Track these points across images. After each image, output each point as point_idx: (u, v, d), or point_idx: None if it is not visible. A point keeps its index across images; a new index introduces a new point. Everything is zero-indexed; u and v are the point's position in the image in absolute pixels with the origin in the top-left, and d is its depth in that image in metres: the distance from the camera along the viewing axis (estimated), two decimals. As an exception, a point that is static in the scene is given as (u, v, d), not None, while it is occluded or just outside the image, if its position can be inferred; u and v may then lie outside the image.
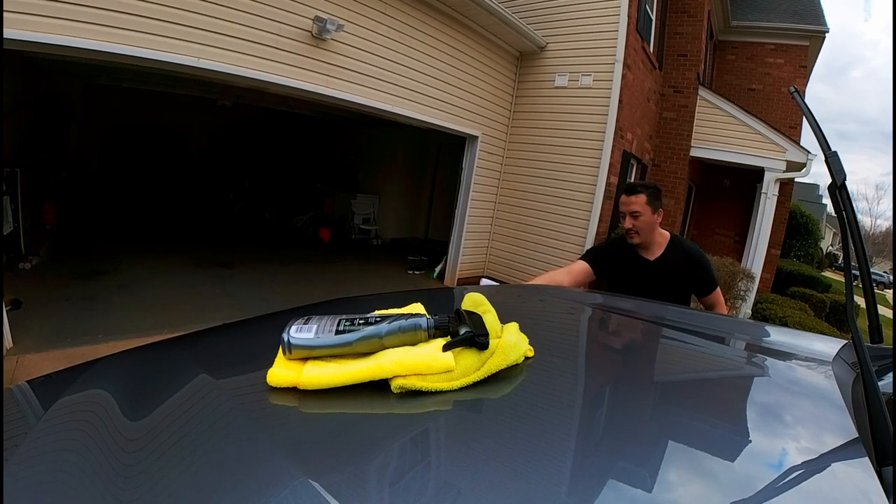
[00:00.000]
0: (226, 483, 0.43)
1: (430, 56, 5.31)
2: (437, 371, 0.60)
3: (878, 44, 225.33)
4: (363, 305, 1.14)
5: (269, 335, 0.91)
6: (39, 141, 5.90)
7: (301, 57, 4.01)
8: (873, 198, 35.88)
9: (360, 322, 0.65)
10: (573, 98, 6.21)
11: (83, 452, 0.48)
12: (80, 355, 2.62)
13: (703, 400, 0.76)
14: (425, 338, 0.64)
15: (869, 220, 34.06)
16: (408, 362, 0.59)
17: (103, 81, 6.69)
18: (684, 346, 1.09)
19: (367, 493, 0.41)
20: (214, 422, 0.56)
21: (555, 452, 0.49)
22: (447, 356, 0.61)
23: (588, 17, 6.06)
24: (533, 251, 6.52)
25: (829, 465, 0.54)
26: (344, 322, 0.65)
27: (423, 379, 0.59)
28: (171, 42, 3.19)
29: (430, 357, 0.60)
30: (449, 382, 0.59)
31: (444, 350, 0.62)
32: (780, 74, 8.91)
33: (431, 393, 0.58)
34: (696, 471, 0.52)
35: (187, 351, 0.81)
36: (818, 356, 0.94)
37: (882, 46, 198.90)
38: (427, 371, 0.59)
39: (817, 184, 30.34)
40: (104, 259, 5.14)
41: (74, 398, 0.62)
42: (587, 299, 1.56)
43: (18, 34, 2.56)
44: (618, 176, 6.16)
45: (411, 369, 0.59)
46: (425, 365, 0.60)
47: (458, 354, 0.63)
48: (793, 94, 0.82)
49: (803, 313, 6.85)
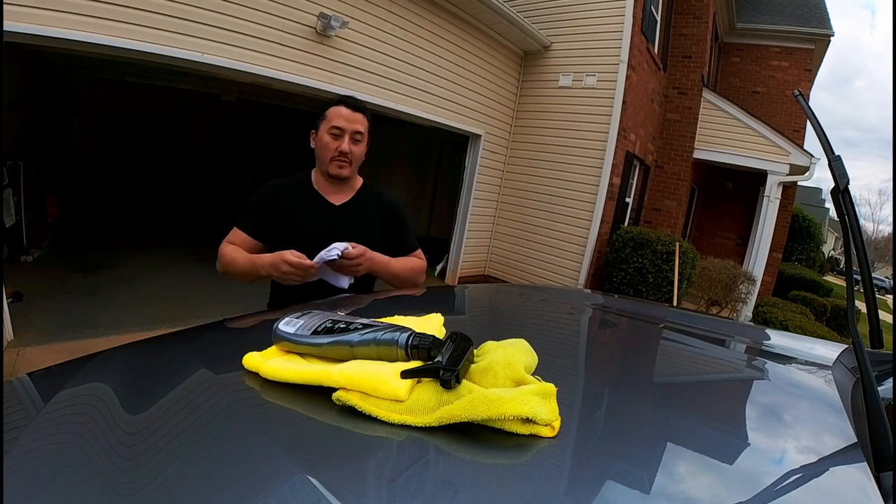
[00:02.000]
0: (225, 478, 0.43)
1: (434, 54, 5.31)
2: (383, 396, 0.53)
3: (882, 56, 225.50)
4: (381, 306, 1.14)
5: (269, 331, 0.91)
6: (43, 134, 5.91)
7: (305, 53, 4.01)
8: (876, 203, 35.75)
9: (342, 326, 0.63)
10: (577, 98, 6.20)
11: (83, 445, 0.48)
12: (81, 348, 2.62)
13: (702, 402, 0.76)
14: (403, 356, 0.58)
15: (871, 226, 33.96)
16: (355, 377, 0.54)
17: (107, 75, 6.68)
18: (684, 348, 1.09)
19: (365, 489, 0.41)
20: (214, 417, 0.56)
21: (554, 452, 0.49)
22: (399, 384, 0.53)
23: (593, 18, 6.05)
24: (535, 251, 6.52)
25: (828, 469, 0.54)
26: (327, 323, 0.64)
27: (364, 399, 0.53)
28: (173, 36, 3.19)
29: (380, 378, 0.53)
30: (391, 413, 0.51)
31: (402, 376, 0.54)
32: (784, 77, 8.89)
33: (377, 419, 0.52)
34: (694, 473, 0.52)
35: (188, 345, 0.81)
36: (818, 360, 0.94)
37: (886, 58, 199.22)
38: (372, 392, 0.53)
39: (820, 188, 30.30)
40: (106, 253, 5.16)
41: (74, 391, 0.62)
42: (588, 300, 1.56)
43: (22, 27, 2.56)
44: (620, 177, 6.16)
45: (357, 385, 0.54)
46: (371, 385, 0.53)
47: (417, 386, 0.55)
48: (797, 97, 0.82)
49: (804, 317, 6.85)
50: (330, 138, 1.38)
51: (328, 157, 1.39)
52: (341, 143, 1.37)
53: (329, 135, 1.38)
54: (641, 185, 7.31)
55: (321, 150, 1.41)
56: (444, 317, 0.84)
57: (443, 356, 0.55)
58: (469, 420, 0.49)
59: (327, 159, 1.39)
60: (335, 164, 1.39)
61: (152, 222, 7.39)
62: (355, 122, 1.38)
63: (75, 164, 7.17)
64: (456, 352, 0.56)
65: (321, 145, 1.40)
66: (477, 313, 1.30)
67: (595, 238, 5.96)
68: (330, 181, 1.44)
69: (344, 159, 1.39)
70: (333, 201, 1.45)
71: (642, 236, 5.85)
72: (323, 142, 1.39)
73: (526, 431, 0.49)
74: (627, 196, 6.79)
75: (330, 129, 1.37)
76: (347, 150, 1.38)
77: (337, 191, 1.46)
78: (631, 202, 7.00)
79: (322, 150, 1.40)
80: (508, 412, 0.48)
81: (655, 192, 7.66)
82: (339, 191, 1.46)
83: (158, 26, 3.11)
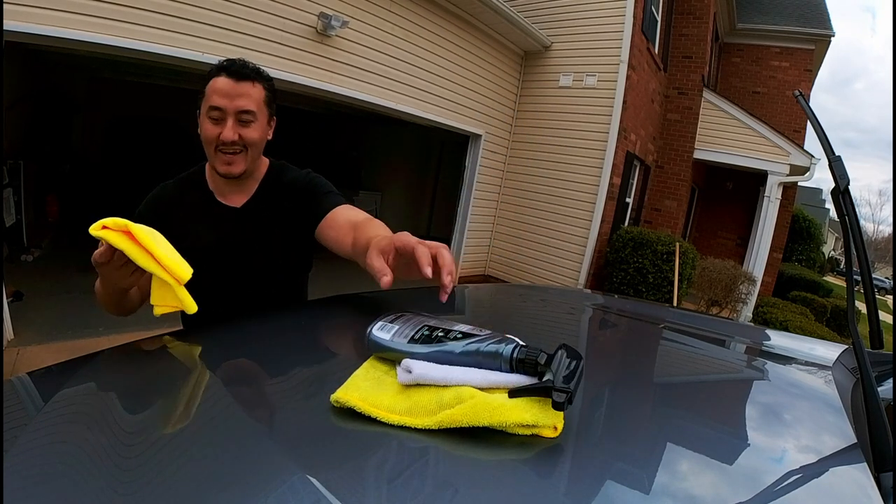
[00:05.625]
0: (225, 478, 0.43)
1: (434, 54, 5.31)
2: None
3: (882, 59, 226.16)
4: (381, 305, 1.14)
5: (269, 331, 0.91)
6: (43, 133, 5.92)
7: (306, 53, 4.01)
8: (876, 204, 35.79)
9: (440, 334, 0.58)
10: (577, 98, 6.20)
11: (83, 445, 0.48)
12: (81, 348, 2.62)
13: (703, 403, 0.76)
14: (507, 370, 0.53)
15: (871, 226, 33.98)
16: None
17: (107, 75, 6.69)
18: (684, 348, 1.09)
19: (365, 489, 0.41)
20: (214, 417, 0.56)
21: (554, 452, 0.49)
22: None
23: (593, 18, 6.05)
24: (535, 251, 6.52)
25: (827, 469, 0.54)
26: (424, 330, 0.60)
27: (363, 400, 0.52)
28: (175, 36, 3.19)
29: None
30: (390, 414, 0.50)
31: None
32: (784, 78, 8.89)
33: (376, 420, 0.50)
34: (694, 474, 0.52)
35: (188, 345, 0.81)
36: (818, 361, 0.94)
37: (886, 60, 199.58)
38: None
39: (820, 188, 30.27)
40: (106, 252, 5.15)
41: (75, 391, 0.62)
42: (588, 300, 1.57)
43: (23, 27, 2.57)
44: (620, 177, 6.16)
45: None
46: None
47: (418, 387, 0.54)
48: (797, 97, 0.82)
49: (804, 317, 6.86)
50: (210, 124, 0.99)
51: (211, 149, 1.01)
52: (223, 129, 0.98)
53: (208, 119, 0.99)
54: (642, 186, 7.31)
55: (204, 142, 1.02)
56: (444, 317, 0.84)
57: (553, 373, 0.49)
58: (470, 426, 0.48)
59: (211, 152, 1.02)
60: (220, 158, 1.01)
61: (152, 222, 7.38)
62: (240, 96, 0.98)
63: (76, 163, 7.17)
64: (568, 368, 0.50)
65: (203, 135, 1.01)
66: (477, 313, 1.30)
67: (595, 238, 5.96)
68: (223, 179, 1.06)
69: (231, 150, 1.00)
70: (232, 203, 1.09)
71: (642, 236, 5.85)
72: (204, 130, 1.00)
73: (528, 432, 0.49)
74: (628, 196, 6.79)
75: (208, 110, 0.99)
76: (232, 138, 0.98)
77: (234, 190, 1.10)
78: (631, 202, 7.00)
79: (205, 143, 1.02)
80: (511, 420, 0.47)
81: (656, 192, 7.66)
82: (236, 190, 1.10)
83: (160, 26, 3.11)
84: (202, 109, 1.01)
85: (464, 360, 0.55)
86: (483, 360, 0.54)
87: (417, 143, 9.00)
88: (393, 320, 0.62)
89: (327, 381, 0.61)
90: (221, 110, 0.98)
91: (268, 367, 0.71)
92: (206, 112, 0.99)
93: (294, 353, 0.79)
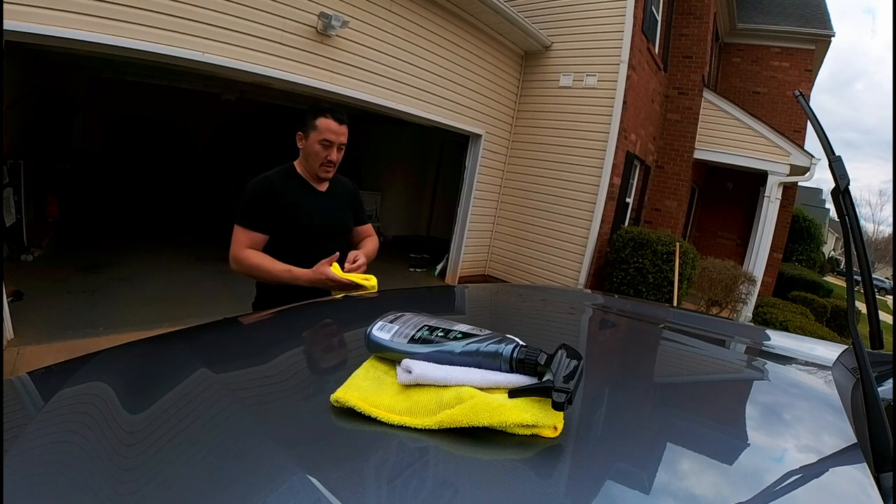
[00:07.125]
0: (225, 478, 0.43)
1: (435, 54, 5.30)
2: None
3: (882, 60, 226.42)
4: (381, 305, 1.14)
5: (268, 330, 0.91)
6: (43, 133, 5.91)
7: (306, 53, 4.01)
8: (876, 204, 35.70)
9: (440, 334, 0.59)
10: (577, 98, 6.19)
11: (83, 445, 0.48)
12: (81, 347, 2.62)
13: (703, 403, 0.76)
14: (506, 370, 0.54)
15: (871, 226, 33.93)
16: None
17: (107, 75, 6.68)
18: (684, 348, 1.09)
19: (365, 489, 0.41)
20: (214, 416, 0.56)
21: (554, 452, 0.49)
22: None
23: (594, 18, 6.04)
24: (535, 251, 6.52)
25: (828, 469, 0.54)
26: (424, 330, 0.60)
27: (363, 400, 0.52)
28: (176, 36, 3.19)
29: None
30: (390, 414, 0.50)
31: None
32: (785, 78, 8.88)
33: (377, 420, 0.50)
34: (695, 473, 0.52)
35: (188, 345, 0.81)
36: (818, 361, 0.94)
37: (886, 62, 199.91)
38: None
39: (820, 188, 30.30)
40: (106, 252, 5.15)
41: (74, 390, 0.62)
42: (588, 300, 1.56)
43: (23, 26, 2.56)
44: (620, 177, 6.16)
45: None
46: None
47: (418, 388, 0.54)
48: (798, 97, 0.82)
49: (804, 318, 6.86)
50: (320, 147, 1.60)
51: (318, 162, 1.63)
52: (330, 154, 1.62)
53: (319, 144, 1.60)
54: (642, 186, 7.31)
55: (311, 156, 1.63)
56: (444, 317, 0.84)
57: (553, 373, 0.49)
58: (470, 426, 0.48)
59: (317, 164, 1.63)
60: (324, 168, 1.65)
61: (152, 221, 7.39)
62: (342, 134, 1.63)
63: (76, 162, 7.17)
64: (568, 368, 0.50)
65: (312, 151, 1.62)
66: (477, 313, 1.30)
67: (595, 238, 5.95)
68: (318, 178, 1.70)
69: (331, 166, 1.66)
70: (321, 188, 1.72)
71: (643, 236, 5.85)
72: (314, 149, 1.61)
73: (528, 432, 0.49)
74: (628, 196, 6.79)
75: (321, 140, 1.60)
76: (336, 160, 1.65)
77: (320, 182, 1.72)
78: (631, 202, 6.99)
79: (312, 156, 1.63)
80: (511, 420, 0.47)
81: (656, 192, 7.66)
82: (321, 182, 1.73)
83: (161, 26, 3.11)
84: (312, 137, 1.60)
85: (464, 361, 0.55)
86: (483, 360, 0.54)
87: (417, 142, 8.99)
88: (393, 320, 0.62)
89: (327, 381, 0.61)
90: (330, 142, 1.60)
91: (268, 367, 0.71)
92: (319, 140, 1.59)
93: (294, 353, 0.79)
